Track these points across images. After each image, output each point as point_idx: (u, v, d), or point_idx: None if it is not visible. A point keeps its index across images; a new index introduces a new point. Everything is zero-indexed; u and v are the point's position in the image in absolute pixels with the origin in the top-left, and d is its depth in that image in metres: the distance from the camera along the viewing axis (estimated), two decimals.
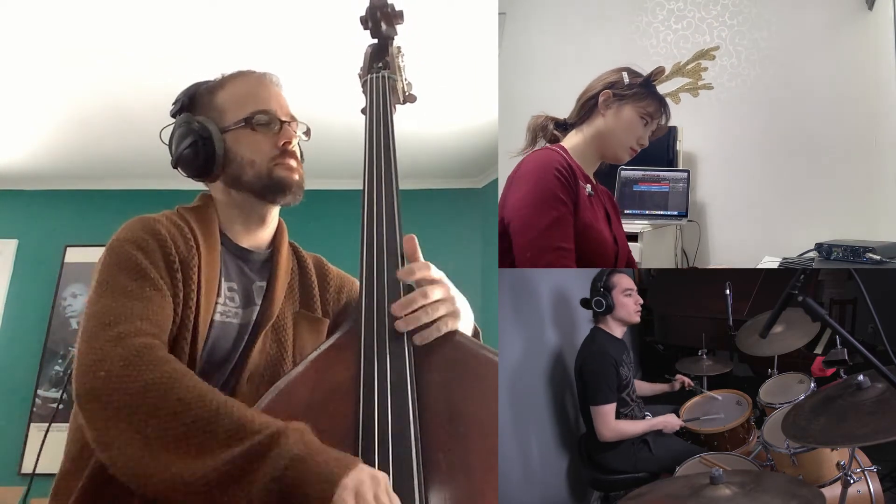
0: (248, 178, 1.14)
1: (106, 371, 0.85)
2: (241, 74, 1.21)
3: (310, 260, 1.28)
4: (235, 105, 1.16)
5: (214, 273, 1.07)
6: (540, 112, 1.51)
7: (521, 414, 1.89)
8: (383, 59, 1.31)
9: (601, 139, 1.44)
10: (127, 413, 0.82)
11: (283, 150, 1.15)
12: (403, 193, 1.08)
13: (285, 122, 1.17)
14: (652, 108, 1.43)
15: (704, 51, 1.59)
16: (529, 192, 1.31)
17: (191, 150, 1.13)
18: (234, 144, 1.14)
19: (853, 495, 1.49)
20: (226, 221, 1.16)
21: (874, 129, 2.50)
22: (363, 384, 0.88)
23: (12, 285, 4.07)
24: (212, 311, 1.06)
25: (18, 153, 3.87)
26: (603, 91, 1.43)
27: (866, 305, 1.38)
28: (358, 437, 0.83)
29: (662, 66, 1.46)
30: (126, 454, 0.81)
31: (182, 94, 1.20)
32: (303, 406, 0.88)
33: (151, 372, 0.85)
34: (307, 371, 0.92)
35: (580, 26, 2.96)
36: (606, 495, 2.05)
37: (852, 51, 2.60)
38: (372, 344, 0.91)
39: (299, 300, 1.21)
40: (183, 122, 1.16)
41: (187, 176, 1.17)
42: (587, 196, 1.37)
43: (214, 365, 1.07)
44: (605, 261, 1.39)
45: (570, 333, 2.19)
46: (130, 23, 2.62)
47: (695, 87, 1.59)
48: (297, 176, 1.16)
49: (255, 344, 1.10)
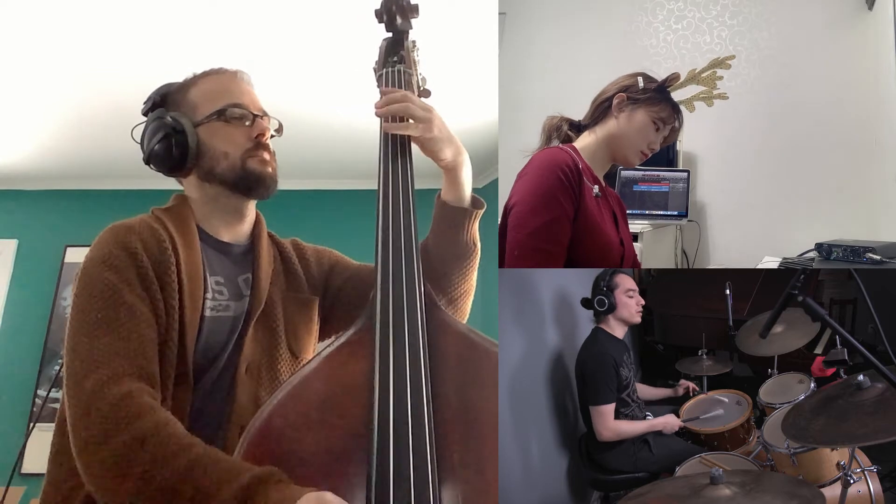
0: (222, 170, 1.14)
1: (89, 428, 0.87)
2: (213, 72, 1.22)
3: (288, 244, 1.29)
4: (208, 100, 1.16)
5: (197, 270, 1.07)
6: (554, 113, 1.52)
7: (522, 414, 1.89)
8: (398, 52, 1.31)
9: (613, 141, 1.45)
10: (110, 466, 0.84)
11: (257, 143, 1.16)
12: (417, 192, 1.08)
13: (258, 116, 1.17)
14: (665, 113, 1.44)
15: (720, 59, 1.58)
16: (529, 191, 1.31)
17: (163, 145, 1.13)
18: (208, 137, 1.14)
19: (853, 495, 1.49)
20: (203, 217, 1.16)
21: (874, 129, 2.50)
22: (378, 382, 0.87)
23: (12, 285, 4.08)
24: (200, 308, 1.06)
25: (18, 153, 3.87)
26: (617, 94, 1.44)
27: (866, 305, 1.38)
28: (373, 434, 0.83)
29: (678, 73, 1.47)
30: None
31: (153, 93, 1.21)
32: (317, 403, 0.88)
33: (126, 431, 0.85)
34: (320, 367, 0.92)
35: (580, 26, 2.95)
36: (606, 495, 2.05)
37: (852, 51, 2.60)
38: (387, 341, 0.91)
39: (286, 285, 1.23)
40: (155, 118, 1.16)
41: (160, 171, 1.17)
42: (594, 197, 1.37)
43: (210, 359, 1.07)
44: (610, 262, 1.39)
45: (570, 333, 2.19)
46: (131, 23, 2.62)
47: (710, 95, 1.57)
48: (270, 169, 1.17)
49: (247, 334, 1.10)
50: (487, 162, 3.87)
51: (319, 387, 0.90)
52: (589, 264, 1.33)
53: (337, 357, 0.93)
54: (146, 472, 0.82)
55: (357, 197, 3.59)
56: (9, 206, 4.24)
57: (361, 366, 0.90)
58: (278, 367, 1.15)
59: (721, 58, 1.56)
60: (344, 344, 0.94)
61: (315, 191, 4.13)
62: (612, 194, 1.53)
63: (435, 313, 0.98)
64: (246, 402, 1.07)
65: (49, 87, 3.13)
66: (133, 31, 2.67)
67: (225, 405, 1.06)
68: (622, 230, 1.48)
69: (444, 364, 0.92)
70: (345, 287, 1.30)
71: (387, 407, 0.84)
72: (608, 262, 1.38)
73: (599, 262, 1.37)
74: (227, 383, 1.08)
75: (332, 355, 0.93)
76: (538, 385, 2.01)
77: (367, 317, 0.96)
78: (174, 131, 1.13)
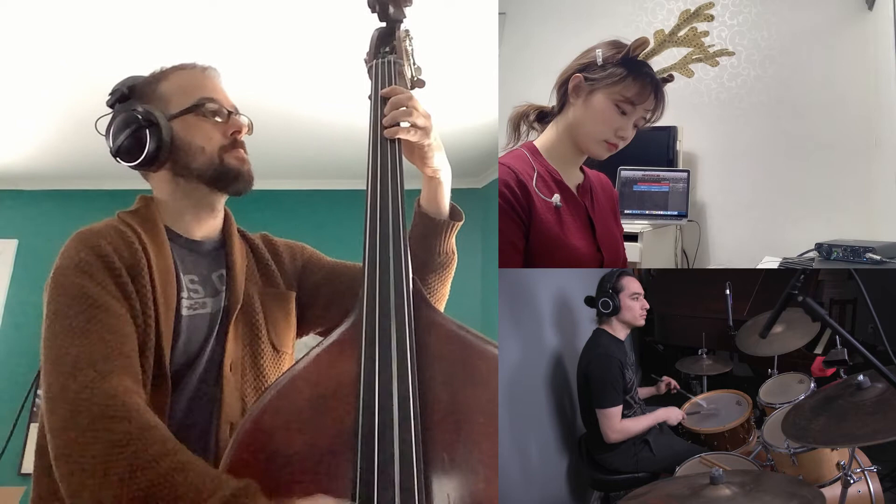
0: (198, 166, 1.12)
1: (74, 432, 0.85)
2: (183, 66, 1.20)
3: (258, 239, 1.28)
4: (180, 94, 1.15)
5: (168, 270, 1.06)
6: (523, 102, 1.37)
7: (521, 414, 1.89)
8: (390, 43, 1.29)
9: (572, 133, 1.27)
10: (92, 471, 0.82)
11: (234, 140, 1.15)
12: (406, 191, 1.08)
13: (232, 113, 1.16)
14: (631, 91, 1.21)
15: (692, 11, 1.22)
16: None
17: (134, 139, 1.10)
18: (183, 131, 1.12)
19: (853, 495, 1.49)
20: (173, 214, 1.14)
21: (874, 129, 2.50)
22: (363, 381, 0.87)
23: (12, 285, 4.08)
24: (174, 309, 1.04)
25: (18, 153, 3.87)
26: (573, 76, 1.26)
27: (866, 305, 1.37)
28: (358, 434, 0.82)
29: (645, 38, 1.21)
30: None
31: (119, 85, 1.18)
32: (306, 402, 0.87)
33: (114, 429, 0.84)
34: (310, 367, 0.91)
35: (580, 26, 2.95)
36: (606, 495, 2.05)
37: (852, 51, 2.60)
38: (373, 339, 0.90)
39: (261, 280, 1.22)
40: (124, 110, 1.13)
41: (129, 165, 1.14)
42: (554, 208, 1.22)
43: (191, 357, 1.06)
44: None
45: (570, 333, 2.19)
46: (131, 23, 2.62)
47: (706, 54, 1.24)
48: (246, 166, 1.16)
49: (228, 332, 1.09)
50: (487, 162, 3.88)
51: (309, 386, 0.89)
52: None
53: (326, 356, 0.92)
54: (129, 474, 0.80)
55: (353, 197, 3.60)
56: (9, 206, 4.25)
57: (350, 364, 0.89)
58: (261, 363, 1.14)
59: (693, 9, 1.23)
60: (334, 343, 0.94)
61: (311, 191, 4.14)
62: (599, 188, 1.39)
63: (425, 312, 0.97)
64: (232, 398, 1.06)
65: (49, 87, 3.13)
66: (133, 31, 2.67)
67: (212, 404, 1.05)
68: (600, 234, 1.32)
69: (434, 363, 0.91)
70: (321, 284, 1.29)
71: (372, 406, 0.84)
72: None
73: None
74: (212, 382, 1.06)
75: (321, 354, 0.92)
76: (538, 384, 2.01)
77: (357, 314, 0.95)
78: (148, 123, 1.10)
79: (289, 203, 3.98)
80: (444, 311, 1.25)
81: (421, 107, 1.13)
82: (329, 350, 0.93)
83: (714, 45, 1.26)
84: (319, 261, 1.33)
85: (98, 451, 0.83)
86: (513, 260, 1.19)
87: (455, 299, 1.29)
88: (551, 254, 1.22)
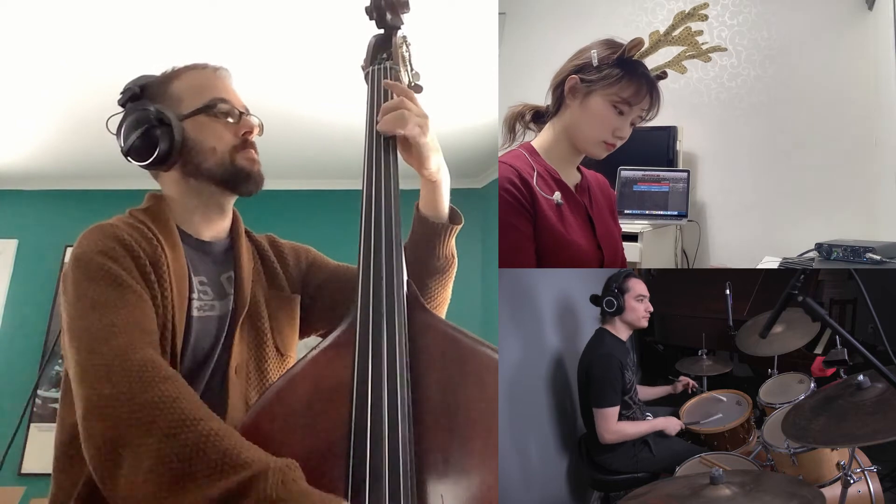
0: (210, 166, 1.12)
1: (111, 388, 0.83)
2: (194, 66, 1.20)
3: (264, 241, 1.28)
4: (192, 94, 1.14)
5: (182, 270, 1.05)
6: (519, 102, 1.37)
7: (521, 414, 1.89)
8: (387, 49, 1.29)
9: (570, 134, 1.28)
10: (125, 431, 0.80)
11: (245, 141, 1.15)
12: (403, 193, 1.07)
13: (243, 114, 1.16)
14: (628, 92, 1.22)
15: (686, 12, 1.24)
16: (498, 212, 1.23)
17: (145, 138, 1.10)
18: (194, 132, 1.12)
19: (853, 495, 1.49)
20: (183, 214, 1.14)
21: (874, 129, 2.50)
22: (356, 383, 0.87)
23: (12, 285, 4.08)
24: (186, 309, 1.04)
25: (18, 153, 3.88)
26: (569, 77, 1.26)
27: (866, 305, 1.37)
28: (350, 436, 0.82)
29: (640, 38, 1.23)
30: (115, 475, 0.79)
31: (131, 84, 1.18)
32: (303, 404, 0.87)
33: (153, 390, 0.82)
34: (307, 368, 0.91)
35: (580, 26, 2.95)
36: (606, 495, 2.05)
37: (852, 51, 2.60)
38: (366, 342, 0.90)
39: (267, 282, 1.21)
40: (136, 109, 1.13)
41: (140, 164, 1.14)
42: (555, 206, 1.24)
43: (200, 360, 1.05)
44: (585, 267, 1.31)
45: (570, 333, 2.19)
46: (131, 23, 2.62)
47: (699, 51, 1.26)
48: (257, 167, 1.15)
49: (235, 334, 1.09)
50: (487, 162, 3.88)
51: (306, 388, 0.89)
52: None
53: (323, 358, 0.92)
54: (173, 430, 0.78)
55: (353, 197, 3.59)
56: (9, 206, 4.25)
57: (346, 366, 0.89)
58: (266, 367, 1.14)
59: (687, 10, 1.25)
60: (330, 345, 0.94)
61: (310, 191, 4.14)
62: (596, 188, 1.40)
63: (419, 314, 0.97)
64: (237, 402, 1.05)
65: (49, 87, 3.13)
66: (133, 32, 2.68)
67: (216, 408, 1.05)
68: (600, 233, 1.34)
69: (429, 365, 0.91)
70: (325, 286, 1.29)
71: (364, 408, 0.84)
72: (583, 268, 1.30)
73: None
74: (218, 385, 1.06)
75: (318, 356, 0.92)
76: (538, 385, 2.01)
77: (353, 317, 0.95)
78: (159, 123, 1.10)
79: (289, 203, 4.00)
80: (445, 313, 1.25)
81: (416, 107, 1.12)
82: (326, 352, 0.93)
83: (707, 43, 1.27)
84: (323, 263, 1.33)
85: (134, 409, 0.80)
86: (527, 253, 1.19)
87: (455, 299, 1.29)
88: (554, 251, 1.23)
